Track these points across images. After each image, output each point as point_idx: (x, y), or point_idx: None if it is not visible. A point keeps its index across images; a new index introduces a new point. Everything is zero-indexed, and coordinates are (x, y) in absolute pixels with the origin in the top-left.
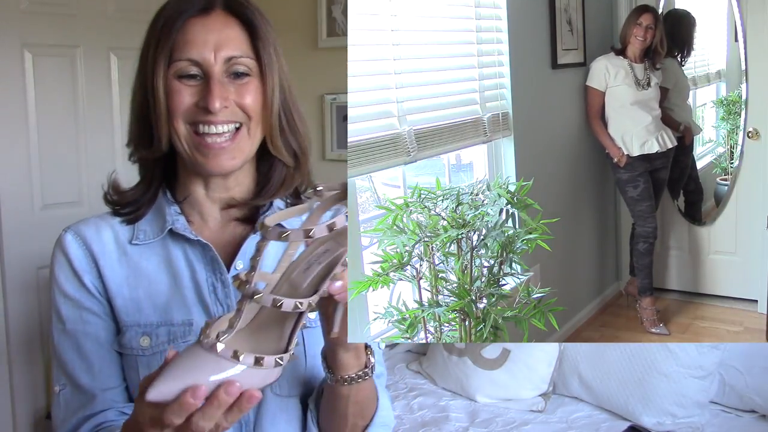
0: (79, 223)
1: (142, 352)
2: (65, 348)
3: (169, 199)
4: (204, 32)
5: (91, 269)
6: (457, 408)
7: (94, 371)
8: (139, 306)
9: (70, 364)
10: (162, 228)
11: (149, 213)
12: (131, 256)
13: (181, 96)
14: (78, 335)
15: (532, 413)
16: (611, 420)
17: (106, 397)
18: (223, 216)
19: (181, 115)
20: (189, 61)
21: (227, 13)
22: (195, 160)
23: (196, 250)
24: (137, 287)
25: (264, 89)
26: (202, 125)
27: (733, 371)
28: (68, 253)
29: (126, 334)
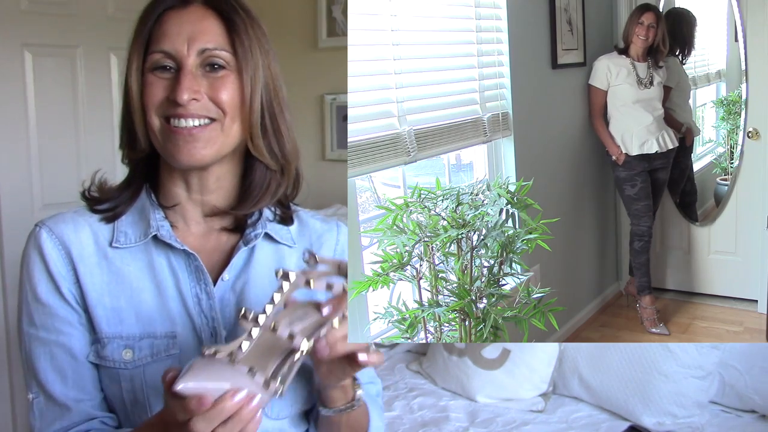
0: (55, 219)
1: (125, 365)
2: (37, 355)
3: (153, 202)
4: (179, 24)
5: (68, 273)
6: (457, 408)
7: (67, 382)
8: (121, 317)
9: (43, 373)
10: (145, 232)
11: (131, 214)
12: (112, 260)
13: (154, 88)
14: (50, 344)
15: (532, 413)
16: (611, 420)
17: (80, 408)
18: (207, 223)
19: (154, 109)
20: (162, 53)
21: (206, 6)
22: (168, 152)
23: (180, 258)
24: (119, 296)
25: (240, 83)
26: (174, 119)
27: (733, 371)
28: (44, 254)
29: (107, 346)
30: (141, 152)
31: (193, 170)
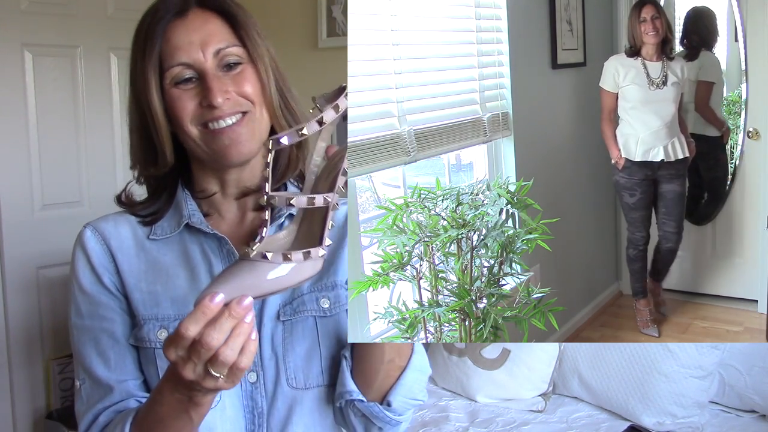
0: (99, 220)
1: (160, 345)
2: (83, 342)
3: (187, 195)
4: (186, 33)
5: (110, 264)
6: (457, 408)
7: (110, 365)
8: (157, 300)
9: (88, 358)
10: (179, 222)
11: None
12: (149, 251)
13: (183, 101)
14: (95, 330)
15: (532, 413)
16: (611, 420)
17: (123, 388)
18: (240, 207)
19: (190, 120)
20: (181, 65)
21: (203, 9)
22: (216, 154)
23: (212, 243)
24: (155, 282)
25: (258, 73)
26: (211, 123)
27: (733, 371)
28: (87, 249)
29: (143, 327)
30: (165, 167)
31: (233, 167)
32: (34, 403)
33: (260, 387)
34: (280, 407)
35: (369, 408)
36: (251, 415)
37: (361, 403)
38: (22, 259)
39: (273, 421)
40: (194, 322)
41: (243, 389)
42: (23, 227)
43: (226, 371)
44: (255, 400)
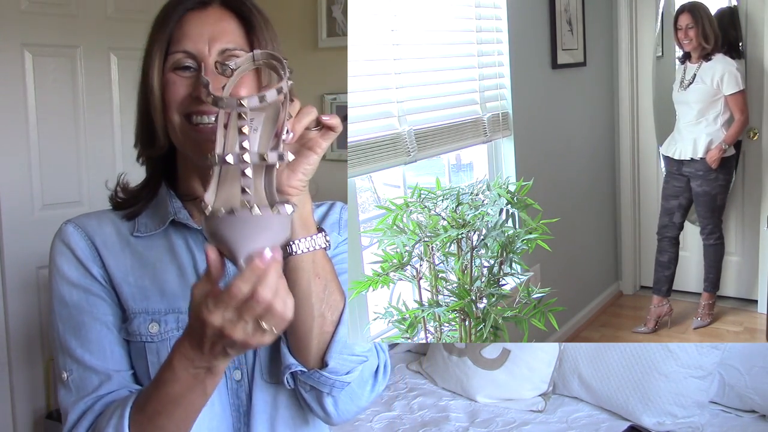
0: (80, 217)
1: (151, 338)
2: (73, 333)
3: (171, 195)
4: (200, 25)
5: (95, 258)
6: (457, 408)
7: (105, 354)
8: (146, 294)
9: (79, 349)
10: (164, 219)
11: (150, 209)
12: (134, 246)
13: (176, 87)
14: (86, 319)
15: (532, 413)
16: (611, 420)
17: (120, 377)
18: None
19: (176, 107)
20: (184, 53)
21: (224, 8)
22: (188, 149)
23: (197, 239)
24: (143, 276)
25: (258, 81)
26: (195, 116)
27: (733, 371)
28: (70, 243)
29: (134, 321)
30: (160, 149)
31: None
32: (34, 403)
33: (244, 384)
34: (260, 402)
35: (310, 376)
36: (237, 413)
37: (303, 374)
38: (22, 259)
39: (256, 416)
40: (246, 281)
41: (228, 387)
42: (23, 227)
43: (276, 321)
44: (240, 398)
